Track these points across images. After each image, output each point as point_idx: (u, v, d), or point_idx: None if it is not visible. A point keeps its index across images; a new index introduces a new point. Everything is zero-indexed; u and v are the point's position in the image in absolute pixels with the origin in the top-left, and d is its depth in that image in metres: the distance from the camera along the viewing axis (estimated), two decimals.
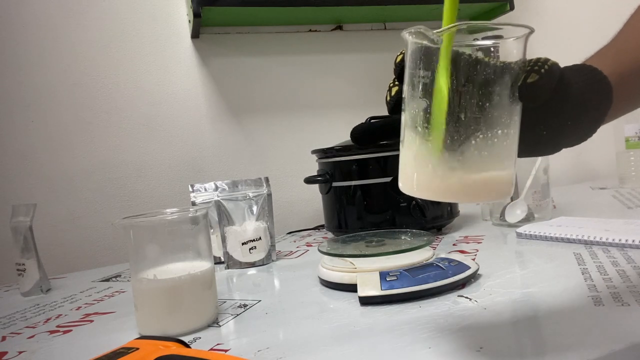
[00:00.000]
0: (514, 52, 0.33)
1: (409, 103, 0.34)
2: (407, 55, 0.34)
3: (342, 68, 1.21)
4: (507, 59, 0.33)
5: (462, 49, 0.32)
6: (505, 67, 0.33)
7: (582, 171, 1.45)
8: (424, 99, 0.33)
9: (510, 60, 0.33)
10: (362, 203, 0.85)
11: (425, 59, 0.32)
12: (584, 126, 0.37)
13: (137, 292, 0.49)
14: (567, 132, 0.37)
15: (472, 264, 0.55)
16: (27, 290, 0.74)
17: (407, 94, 0.34)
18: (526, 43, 0.34)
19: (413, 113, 0.34)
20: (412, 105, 0.34)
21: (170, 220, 0.51)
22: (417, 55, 0.33)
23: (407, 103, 0.34)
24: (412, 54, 0.33)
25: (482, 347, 0.36)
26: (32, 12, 0.97)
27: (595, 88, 0.36)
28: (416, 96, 0.33)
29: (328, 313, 0.49)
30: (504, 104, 0.33)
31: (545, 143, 0.38)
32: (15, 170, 0.96)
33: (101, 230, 1.01)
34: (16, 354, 0.48)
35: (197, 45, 1.09)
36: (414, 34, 0.32)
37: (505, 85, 0.33)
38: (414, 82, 0.33)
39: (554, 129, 0.37)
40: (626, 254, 0.58)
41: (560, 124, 0.36)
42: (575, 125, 0.37)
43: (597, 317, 0.40)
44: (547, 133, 0.37)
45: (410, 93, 0.34)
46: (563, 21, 1.45)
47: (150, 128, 1.05)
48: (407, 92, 0.34)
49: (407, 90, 0.34)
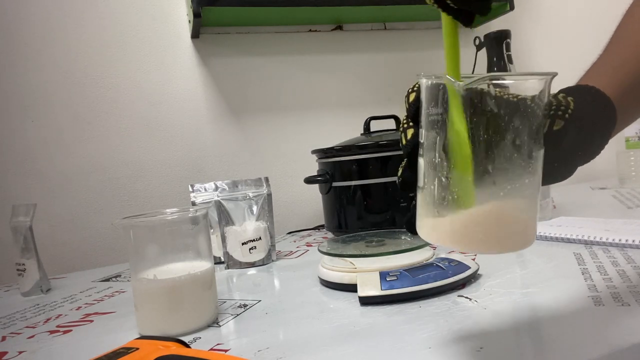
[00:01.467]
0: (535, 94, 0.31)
1: (427, 148, 0.32)
2: (424, 96, 0.32)
3: (342, 68, 1.21)
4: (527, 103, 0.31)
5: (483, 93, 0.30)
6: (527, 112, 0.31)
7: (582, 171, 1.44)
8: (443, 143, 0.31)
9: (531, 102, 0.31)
10: (362, 203, 0.85)
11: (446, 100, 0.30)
12: (592, 150, 0.37)
13: (137, 292, 0.49)
14: (577, 160, 0.37)
15: (472, 264, 0.55)
16: (27, 290, 0.74)
17: (425, 138, 0.32)
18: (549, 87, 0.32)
19: (434, 160, 0.32)
20: (432, 152, 0.32)
21: (170, 220, 0.51)
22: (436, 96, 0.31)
23: (426, 148, 0.32)
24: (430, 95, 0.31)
25: (482, 347, 0.36)
26: (32, 12, 0.97)
27: (602, 115, 0.36)
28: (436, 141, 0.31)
29: (328, 313, 0.49)
30: (530, 153, 0.31)
31: (558, 172, 0.37)
32: (15, 170, 0.96)
33: (101, 230, 1.01)
34: (16, 354, 0.48)
35: (197, 45, 1.09)
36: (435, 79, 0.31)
37: (531, 132, 0.31)
38: (433, 125, 0.31)
39: (565, 160, 0.36)
40: (626, 254, 0.58)
41: (571, 155, 0.36)
42: (584, 152, 0.37)
43: (597, 317, 0.40)
44: (558, 165, 0.36)
45: (429, 137, 0.32)
46: (563, 21, 1.45)
47: (150, 128, 1.05)
48: (425, 136, 0.32)
49: (425, 134, 0.32)
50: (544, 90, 0.31)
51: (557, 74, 0.31)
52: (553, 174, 0.37)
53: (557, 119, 0.32)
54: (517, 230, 0.32)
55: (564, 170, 0.37)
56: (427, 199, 0.33)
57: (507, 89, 0.30)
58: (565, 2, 1.46)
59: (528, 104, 0.31)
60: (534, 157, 0.31)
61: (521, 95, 0.31)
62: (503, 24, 1.24)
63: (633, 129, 1.15)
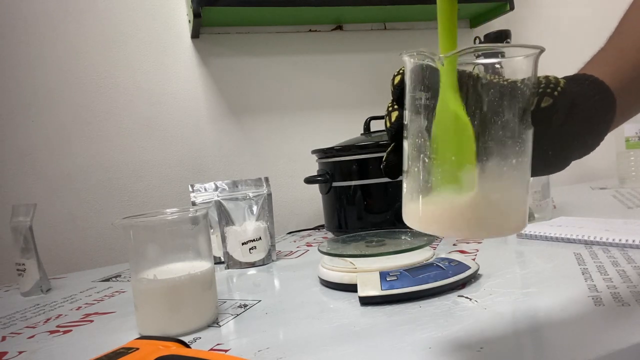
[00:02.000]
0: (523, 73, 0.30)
1: (412, 131, 0.31)
2: (408, 78, 0.31)
3: (342, 68, 1.21)
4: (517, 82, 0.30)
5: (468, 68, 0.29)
6: (516, 90, 0.30)
7: (582, 171, 1.45)
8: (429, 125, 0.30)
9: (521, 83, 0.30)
10: (362, 203, 0.85)
11: (430, 81, 0.29)
12: (590, 141, 0.36)
13: (137, 292, 0.49)
14: (573, 150, 0.36)
15: (472, 264, 0.55)
16: (27, 290, 0.74)
17: (410, 120, 0.31)
18: (537, 63, 0.31)
19: (418, 142, 0.31)
20: (416, 133, 0.31)
21: (170, 220, 0.51)
22: (420, 77, 0.30)
23: (411, 130, 0.31)
24: (414, 76, 0.30)
25: (482, 347, 0.36)
26: (32, 12, 0.97)
27: (600, 103, 0.35)
28: (421, 123, 0.30)
29: (328, 313, 0.49)
30: (515, 131, 0.30)
31: (552, 163, 0.36)
32: (15, 170, 0.96)
33: (101, 230, 1.01)
34: (16, 354, 0.48)
35: (197, 45, 1.09)
36: (416, 56, 0.29)
37: (517, 110, 0.30)
38: (417, 108, 0.30)
39: (560, 149, 0.35)
40: (626, 254, 0.58)
41: (566, 144, 0.35)
42: (581, 141, 0.36)
43: (597, 317, 0.40)
44: (552, 153, 0.35)
45: (414, 119, 0.31)
46: (563, 21, 1.45)
47: (150, 128, 1.05)
48: (409, 119, 0.31)
49: (410, 116, 0.31)
50: (532, 66, 0.30)
51: (544, 49, 0.30)
52: (547, 163, 0.36)
53: (546, 96, 0.31)
54: (508, 213, 0.31)
55: (558, 161, 0.36)
56: (412, 184, 0.32)
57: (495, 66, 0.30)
58: (565, 2, 1.46)
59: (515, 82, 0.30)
60: (522, 138, 0.30)
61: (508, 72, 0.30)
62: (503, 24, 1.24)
63: (633, 129, 1.15)
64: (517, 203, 0.31)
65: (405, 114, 0.32)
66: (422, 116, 0.30)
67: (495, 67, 0.30)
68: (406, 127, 0.32)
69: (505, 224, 0.31)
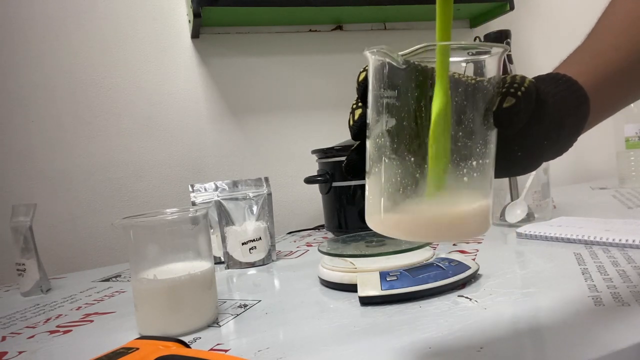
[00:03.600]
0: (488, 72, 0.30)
1: (374, 130, 0.30)
2: (371, 76, 0.30)
3: (342, 68, 1.21)
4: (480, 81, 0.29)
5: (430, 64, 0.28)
6: (479, 88, 0.29)
7: (582, 171, 1.45)
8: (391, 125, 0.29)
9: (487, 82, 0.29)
10: (362, 203, 0.85)
11: (392, 80, 0.29)
12: (561, 141, 0.35)
13: (137, 292, 0.49)
14: (543, 150, 0.35)
15: (472, 264, 0.55)
16: (27, 290, 0.74)
17: (372, 119, 0.30)
18: (500, 62, 0.30)
19: (380, 142, 0.30)
20: (378, 132, 0.30)
21: (170, 220, 0.51)
22: (382, 75, 0.29)
23: (373, 130, 0.30)
24: (377, 74, 0.29)
25: (482, 347, 0.36)
26: (32, 12, 0.97)
27: (571, 103, 0.34)
28: (383, 122, 0.29)
29: (328, 313, 0.49)
30: (477, 131, 0.29)
31: (522, 163, 0.35)
32: (15, 170, 0.96)
33: (101, 230, 1.01)
34: (16, 354, 0.48)
35: (197, 45, 1.09)
36: (377, 53, 0.29)
37: (479, 109, 0.29)
38: (380, 107, 0.29)
39: (529, 149, 0.34)
40: (626, 254, 0.58)
41: (536, 144, 0.34)
42: (551, 142, 0.34)
43: (597, 317, 0.40)
44: (521, 154, 0.34)
45: (376, 118, 0.30)
46: (563, 21, 1.45)
47: (150, 128, 1.05)
48: (372, 118, 0.30)
49: (372, 115, 0.30)
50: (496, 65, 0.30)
51: (507, 49, 0.30)
52: (516, 163, 0.35)
53: (509, 96, 0.30)
54: (469, 216, 0.30)
55: (528, 161, 0.35)
56: (373, 186, 0.31)
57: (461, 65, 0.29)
58: (565, 2, 1.46)
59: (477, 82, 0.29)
60: (485, 139, 0.30)
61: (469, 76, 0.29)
62: (503, 24, 1.24)
63: (633, 129, 1.15)
64: (478, 206, 0.30)
65: (368, 113, 0.31)
66: (384, 115, 0.29)
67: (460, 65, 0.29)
68: (369, 126, 0.31)
69: (466, 228, 0.30)
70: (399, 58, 0.28)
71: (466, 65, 0.29)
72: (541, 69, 0.37)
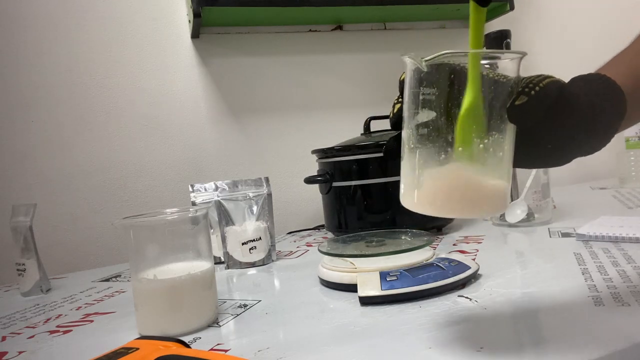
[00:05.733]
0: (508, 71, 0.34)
1: (409, 121, 0.36)
2: (407, 76, 0.36)
3: (342, 68, 1.21)
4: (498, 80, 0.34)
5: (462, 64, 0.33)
6: (499, 85, 0.34)
7: (582, 171, 1.45)
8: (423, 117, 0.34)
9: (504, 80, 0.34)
10: (362, 203, 0.85)
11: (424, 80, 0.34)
12: (596, 136, 0.36)
13: (137, 292, 0.49)
14: (574, 146, 0.36)
15: (472, 264, 0.55)
16: (27, 290, 0.74)
17: (407, 112, 0.36)
18: (519, 66, 0.35)
19: (414, 131, 0.35)
20: (412, 123, 0.35)
21: (170, 220, 0.51)
22: (415, 76, 0.35)
23: (407, 121, 0.36)
24: (411, 75, 0.35)
25: (482, 347, 0.36)
26: (32, 12, 0.97)
27: (605, 97, 0.36)
28: (416, 115, 0.35)
29: (328, 313, 0.49)
30: (497, 124, 0.34)
31: (554, 156, 0.37)
32: (15, 170, 0.96)
33: (101, 230, 1.01)
34: (16, 354, 0.48)
35: (197, 45, 1.09)
36: (408, 59, 0.35)
37: (496, 104, 0.34)
38: (413, 102, 0.35)
39: (558, 143, 0.36)
40: (626, 253, 0.58)
41: (567, 137, 0.36)
42: (583, 139, 0.36)
43: (597, 317, 0.40)
44: (551, 147, 0.36)
45: (410, 112, 0.35)
46: (563, 21, 1.45)
47: (150, 128, 1.05)
48: (407, 111, 0.36)
49: (407, 109, 0.36)
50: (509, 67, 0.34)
51: (525, 54, 0.34)
52: (548, 156, 0.37)
53: (521, 95, 0.33)
54: (486, 196, 0.35)
55: (558, 155, 0.37)
56: (406, 170, 0.36)
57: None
58: (564, 2, 1.46)
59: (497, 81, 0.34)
60: (501, 129, 0.34)
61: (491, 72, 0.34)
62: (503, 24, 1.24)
63: (633, 129, 1.15)
64: (497, 187, 0.35)
65: (404, 107, 0.36)
66: (418, 109, 0.35)
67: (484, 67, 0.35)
68: (405, 118, 0.36)
69: (486, 205, 0.35)
70: (422, 62, 0.33)
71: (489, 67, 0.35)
72: (541, 69, 0.37)
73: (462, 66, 0.33)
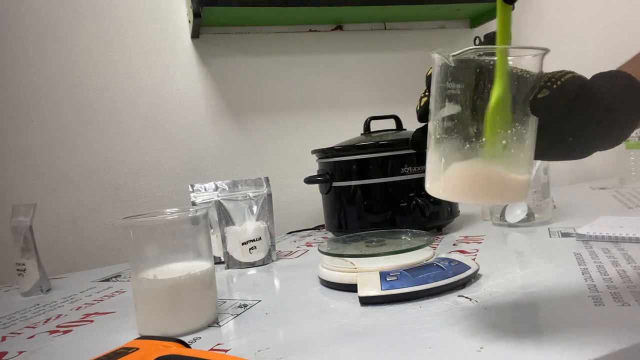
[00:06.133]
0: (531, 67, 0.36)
1: (435, 113, 0.38)
2: (434, 71, 0.38)
3: (342, 68, 1.21)
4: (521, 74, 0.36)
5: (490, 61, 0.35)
6: (522, 80, 0.35)
7: (582, 171, 1.45)
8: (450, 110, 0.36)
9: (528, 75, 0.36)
10: (362, 203, 0.85)
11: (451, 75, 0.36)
12: (616, 131, 0.38)
13: (137, 292, 0.49)
14: (596, 138, 0.38)
15: (472, 264, 0.55)
16: (27, 290, 0.74)
17: (433, 105, 0.38)
18: (542, 62, 0.36)
19: (439, 123, 0.37)
20: (438, 115, 0.37)
21: (170, 220, 0.51)
22: (441, 71, 0.36)
23: (434, 113, 0.38)
24: (437, 70, 0.37)
25: (482, 347, 0.36)
26: (32, 12, 0.97)
27: (626, 93, 0.37)
28: (441, 108, 0.37)
29: (328, 313, 0.49)
30: (519, 117, 0.36)
31: (575, 149, 0.39)
32: (15, 170, 0.96)
33: (101, 230, 1.01)
34: (16, 354, 0.48)
35: (197, 45, 1.09)
36: (437, 54, 0.36)
37: (524, 98, 0.35)
38: (439, 96, 0.37)
39: (581, 135, 0.38)
40: (626, 254, 0.58)
41: (588, 131, 0.37)
42: (605, 131, 0.37)
43: (597, 317, 0.40)
44: (573, 139, 0.38)
45: (436, 105, 0.37)
46: (563, 21, 1.45)
47: (150, 128, 1.05)
48: (433, 104, 0.38)
49: (433, 102, 0.38)
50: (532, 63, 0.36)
51: (548, 50, 0.35)
52: (570, 148, 0.39)
53: (544, 89, 0.35)
54: (508, 183, 0.36)
55: (580, 148, 0.39)
56: (434, 158, 0.38)
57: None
58: (564, 2, 1.46)
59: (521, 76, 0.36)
60: (523, 121, 0.36)
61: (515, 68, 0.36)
62: None
63: None
64: (517, 175, 0.36)
65: (430, 100, 0.38)
66: (444, 103, 0.37)
67: None
68: (431, 111, 0.38)
69: (507, 192, 0.37)
70: (450, 58, 0.35)
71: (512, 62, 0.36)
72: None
73: (487, 61, 0.35)
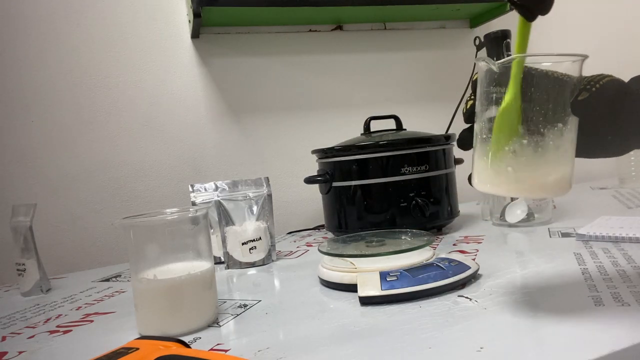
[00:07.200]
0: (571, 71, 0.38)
1: (479, 115, 0.41)
2: (479, 77, 0.41)
3: (342, 68, 1.21)
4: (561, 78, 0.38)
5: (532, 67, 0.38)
6: (563, 83, 0.38)
7: (582, 171, 1.45)
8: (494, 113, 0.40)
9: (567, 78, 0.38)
10: (362, 203, 0.85)
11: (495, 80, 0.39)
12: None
13: (137, 292, 0.49)
14: (633, 137, 0.40)
15: (472, 264, 0.55)
16: (27, 290, 0.74)
17: (478, 107, 0.41)
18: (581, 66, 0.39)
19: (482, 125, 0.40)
20: (483, 117, 0.40)
21: (170, 220, 0.51)
22: (486, 77, 0.40)
23: (478, 115, 0.41)
24: (482, 76, 0.40)
25: (482, 347, 0.36)
26: (32, 12, 0.97)
27: None
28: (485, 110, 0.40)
29: (328, 313, 0.49)
30: (558, 115, 0.38)
31: (613, 147, 0.41)
32: (15, 170, 0.96)
33: (101, 230, 1.01)
34: (16, 354, 0.48)
35: (197, 45, 1.09)
36: (482, 62, 0.40)
37: (560, 99, 0.38)
38: (483, 99, 0.40)
39: (618, 134, 0.40)
40: (626, 254, 0.58)
41: (625, 130, 0.40)
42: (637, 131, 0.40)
43: (597, 317, 0.40)
44: (611, 138, 0.40)
45: (481, 107, 0.41)
46: (563, 21, 1.45)
47: (150, 128, 1.05)
48: (478, 107, 0.41)
49: (478, 105, 0.41)
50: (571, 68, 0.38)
51: (587, 56, 0.38)
52: (609, 146, 0.42)
53: (583, 92, 0.38)
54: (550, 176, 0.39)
55: (616, 146, 0.42)
56: (481, 155, 0.41)
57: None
58: (565, 3, 1.46)
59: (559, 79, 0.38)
60: (564, 121, 0.38)
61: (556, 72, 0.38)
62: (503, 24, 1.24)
63: None
64: (559, 169, 0.39)
65: (476, 104, 0.42)
66: (486, 105, 0.40)
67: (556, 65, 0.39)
68: (476, 113, 0.42)
69: (550, 186, 0.39)
70: (495, 65, 0.38)
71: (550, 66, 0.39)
72: None
73: (527, 68, 0.38)
